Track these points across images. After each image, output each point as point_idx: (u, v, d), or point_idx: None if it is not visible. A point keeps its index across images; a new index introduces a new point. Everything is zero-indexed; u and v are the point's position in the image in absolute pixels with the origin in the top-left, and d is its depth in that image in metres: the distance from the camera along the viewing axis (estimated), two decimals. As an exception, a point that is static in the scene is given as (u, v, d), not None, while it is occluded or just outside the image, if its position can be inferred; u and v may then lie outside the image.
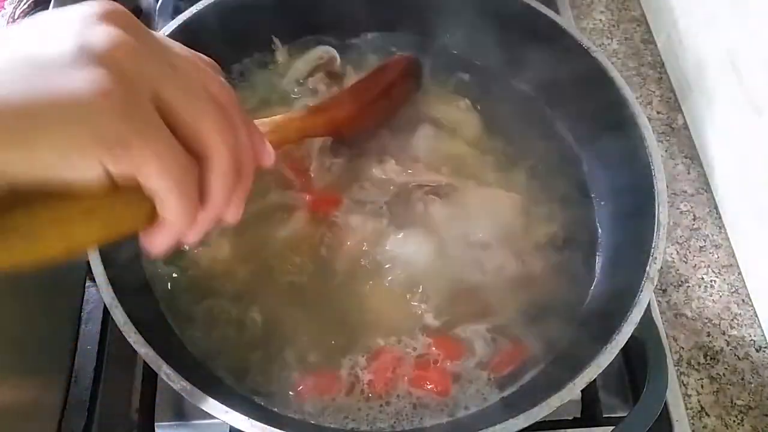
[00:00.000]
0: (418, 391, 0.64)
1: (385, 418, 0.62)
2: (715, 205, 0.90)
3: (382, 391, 0.63)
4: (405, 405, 0.63)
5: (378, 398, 0.63)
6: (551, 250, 0.72)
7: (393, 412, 0.63)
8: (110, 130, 0.30)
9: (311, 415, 0.62)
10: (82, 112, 0.30)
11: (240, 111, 0.39)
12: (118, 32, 0.33)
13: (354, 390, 0.63)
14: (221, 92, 0.38)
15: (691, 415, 0.74)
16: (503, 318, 0.68)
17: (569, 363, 0.63)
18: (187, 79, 0.36)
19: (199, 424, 0.70)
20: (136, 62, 0.32)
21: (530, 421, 0.53)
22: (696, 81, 0.95)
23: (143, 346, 0.54)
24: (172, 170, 0.33)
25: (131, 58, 0.32)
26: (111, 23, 0.33)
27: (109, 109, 0.30)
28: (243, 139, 0.38)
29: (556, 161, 0.79)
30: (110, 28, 0.33)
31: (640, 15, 1.10)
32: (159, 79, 0.33)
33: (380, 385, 0.63)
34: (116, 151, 0.30)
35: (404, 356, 0.65)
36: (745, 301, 0.82)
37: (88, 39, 0.32)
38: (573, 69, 0.75)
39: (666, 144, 0.96)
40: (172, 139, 0.33)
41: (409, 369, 0.64)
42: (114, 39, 0.32)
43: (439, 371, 0.65)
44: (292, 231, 0.71)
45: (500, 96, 0.83)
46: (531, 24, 0.76)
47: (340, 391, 0.63)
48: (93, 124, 0.30)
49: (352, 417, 0.62)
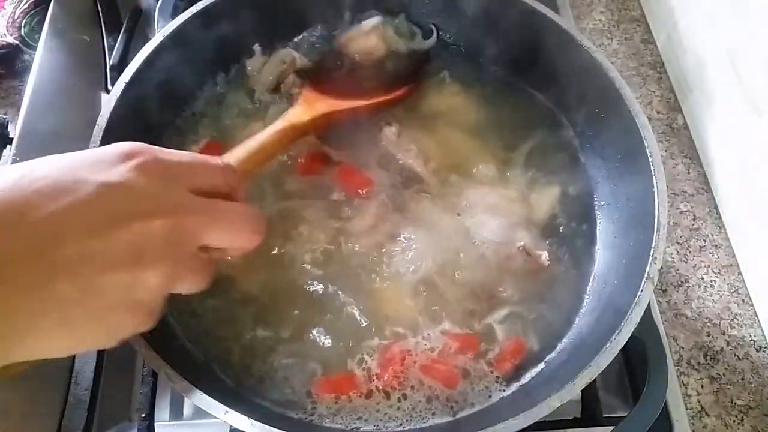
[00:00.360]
0: (429, 379, 0.64)
1: (400, 415, 0.63)
2: (715, 205, 0.90)
3: (394, 382, 0.63)
4: (420, 399, 0.63)
5: (394, 390, 0.63)
6: (551, 249, 0.72)
7: (409, 408, 0.63)
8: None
9: (325, 417, 0.62)
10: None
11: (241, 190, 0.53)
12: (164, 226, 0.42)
13: (369, 388, 0.63)
14: (227, 182, 0.51)
15: (691, 415, 0.74)
16: (502, 315, 0.68)
17: (569, 363, 0.63)
18: (216, 213, 0.48)
19: (199, 424, 0.70)
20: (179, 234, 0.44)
21: (530, 420, 0.53)
22: (696, 81, 0.95)
23: (143, 346, 0.54)
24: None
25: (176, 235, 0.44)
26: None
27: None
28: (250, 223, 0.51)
29: (555, 161, 0.79)
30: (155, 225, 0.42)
31: (640, 15, 1.10)
32: (200, 231, 0.46)
33: (391, 377, 0.63)
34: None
35: (414, 348, 0.65)
36: (745, 301, 0.82)
37: (143, 241, 0.42)
38: (573, 69, 0.75)
39: (666, 144, 0.96)
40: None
41: (421, 358, 0.65)
42: (163, 234, 0.43)
43: (447, 363, 0.65)
44: (301, 228, 0.71)
45: (500, 96, 0.83)
46: (531, 24, 0.76)
47: (356, 393, 0.63)
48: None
49: (365, 417, 0.62)
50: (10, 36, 0.96)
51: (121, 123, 0.66)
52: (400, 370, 0.64)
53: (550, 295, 0.70)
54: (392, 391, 0.63)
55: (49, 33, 0.91)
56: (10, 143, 0.80)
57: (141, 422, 0.64)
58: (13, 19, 0.97)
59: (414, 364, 0.65)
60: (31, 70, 0.87)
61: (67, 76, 0.91)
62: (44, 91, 0.86)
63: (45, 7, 0.96)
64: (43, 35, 0.91)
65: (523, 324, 0.68)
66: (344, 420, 0.62)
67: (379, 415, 0.63)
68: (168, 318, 0.66)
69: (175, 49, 0.72)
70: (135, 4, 0.96)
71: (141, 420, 0.64)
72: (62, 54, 0.92)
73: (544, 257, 0.70)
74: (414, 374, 0.64)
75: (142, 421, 0.64)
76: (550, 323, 0.69)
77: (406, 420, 0.63)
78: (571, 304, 0.70)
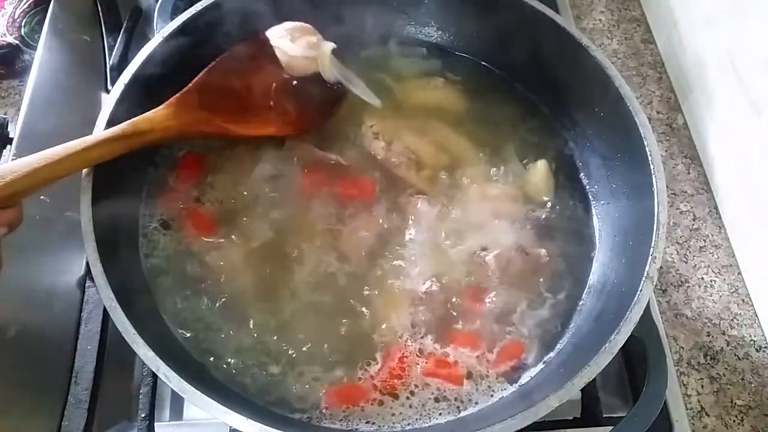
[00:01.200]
0: (434, 380, 0.64)
1: (410, 414, 0.63)
2: (715, 205, 0.90)
3: (398, 384, 0.64)
4: (429, 397, 0.64)
5: (398, 392, 0.64)
6: (550, 249, 0.72)
7: (419, 405, 0.63)
8: None
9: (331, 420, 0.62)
10: None
11: None
12: None
13: (375, 395, 0.63)
14: None
15: (691, 415, 0.74)
16: (501, 314, 0.68)
17: (568, 363, 0.63)
18: None
19: (199, 424, 0.70)
20: None
21: (529, 420, 0.53)
22: (696, 81, 0.95)
23: (143, 346, 0.54)
24: None
25: None
26: None
27: None
28: None
29: (555, 161, 0.79)
30: None
31: (640, 15, 1.10)
32: None
33: (395, 379, 0.64)
34: None
35: (415, 349, 0.66)
36: (745, 301, 0.82)
37: None
38: (573, 69, 0.75)
39: (666, 144, 0.96)
40: None
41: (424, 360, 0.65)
42: None
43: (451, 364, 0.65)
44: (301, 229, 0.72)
45: (499, 96, 0.83)
46: (531, 24, 0.76)
47: (366, 401, 0.63)
48: None
49: (372, 420, 0.62)
50: (10, 36, 0.96)
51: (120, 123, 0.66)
52: (403, 373, 0.64)
53: (550, 295, 0.70)
54: (400, 392, 0.64)
55: (49, 33, 0.91)
56: (10, 143, 0.80)
57: (141, 422, 0.64)
58: (13, 19, 0.97)
59: (416, 366, 0.65)
60: (31, 70, 0.87)
61: (67, 76, 0.91)
62: (44, 91, 0.86)
63: (45, 7, 0.96)
64: (43, 35, 0.91)
65: (523, 324, 0.68)
66: (349, 422, 0.62)
67: (385, 415, 0.63)
68: (166, 319, 0.67)
69: (175, 49, 0.72)
70: (135, 4, 0.96)
71: (141, 420, 0.64)
72: (62, 54, 0.92)
73: (542, 254, 0.70)
74: (417, 375, 0.65)
75: (142, 421, 0.64)
76: (550, 323, 0.69)
77: (419, 417, 0.63)
78: (570, 304, 0.70)
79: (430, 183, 0.75)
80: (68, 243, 0.77)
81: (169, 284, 0.69)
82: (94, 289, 0.70)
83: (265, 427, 0.51)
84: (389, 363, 0.65)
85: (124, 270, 0.64)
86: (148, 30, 0.94)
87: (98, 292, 0.57)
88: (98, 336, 0.71)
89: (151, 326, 0.62)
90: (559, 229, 0.74)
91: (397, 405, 0.63)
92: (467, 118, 0.81)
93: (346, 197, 0.74)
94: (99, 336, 0.71)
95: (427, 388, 0.64)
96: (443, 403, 0.64)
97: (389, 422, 0.62)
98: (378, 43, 0.86)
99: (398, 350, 0.65)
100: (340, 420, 0.62)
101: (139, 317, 0.57)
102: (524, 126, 0.81)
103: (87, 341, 0.71)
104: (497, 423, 0.52)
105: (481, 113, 0.82)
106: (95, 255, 0.58)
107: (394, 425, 0.62)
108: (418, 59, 0.86)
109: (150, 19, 0.93)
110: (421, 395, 0.64)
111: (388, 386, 0.64)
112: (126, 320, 0.55)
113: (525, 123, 0.82)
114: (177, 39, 0.72)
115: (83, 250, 0.59)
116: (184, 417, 0.71)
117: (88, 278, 0.75)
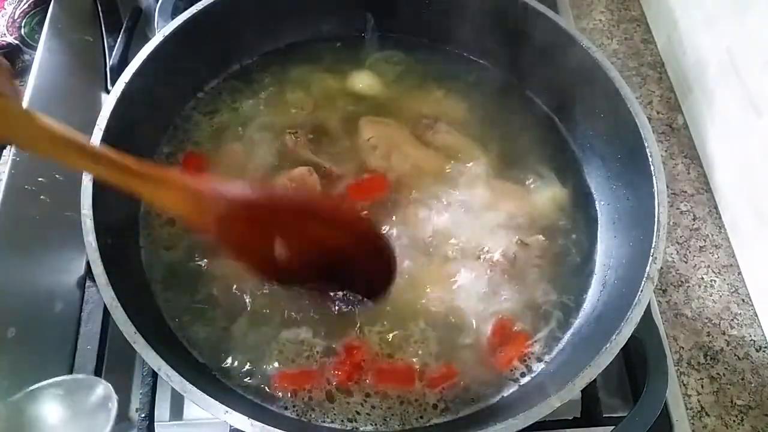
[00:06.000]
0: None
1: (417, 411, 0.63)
2: (715, 205, 0.90)
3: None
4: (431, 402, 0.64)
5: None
6: (550, 249, 0.72)
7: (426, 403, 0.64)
8: None
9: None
10: None
11: None
12: None
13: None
14: None
15: (691, 415, 0.74)
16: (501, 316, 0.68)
17: (569, 363, 0.63)
18: None
19: (199, 424, 0.70)
20: None
21: (530, 420, 0.53)
22: (696, 81, 0.95)
23: (144, 346, 0.54)
24: None
25: None
26: None
27: None
28: None
29: (554, 161, 0.79)
30: None
31: (640, 15, 1.10)
32: None
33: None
34: None
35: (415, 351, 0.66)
36: (745, 301, 0.82)
37: None
38: (573, 69, 0.75)
39: (666, 144, 0.96)
40: None
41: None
42: None
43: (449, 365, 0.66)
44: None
45: (499, 96, 0.83)
46: (531, 24, 0.76)
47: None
48: None
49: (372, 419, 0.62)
50: (10, 36, 0.96)
51: (120, 123, 0.66)
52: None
53: (550, 295, 0.70)
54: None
55: (49, 33, 0.91)
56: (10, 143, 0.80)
57: (141, 422, 0.64)
58: (13, 19, 0.97)
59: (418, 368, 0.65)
60: (31, 70, 0.86)
61: (67, 76, 0.91)
62: (44, 91, 0.86)
63: (45, 7, 0.96)
64: (43, 35, 0.90)
65: (523, 324, 0.68)
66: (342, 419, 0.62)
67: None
68: (167, 318, 0.67)
69: (175, 49, 0.72)
70: (135, 4, 0.95)
71: (141, 420, 0.64)
72: (62, 54, 0.92)
73: (540, 238, 0.71)
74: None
75: (141, 421, 0.64)
76: (550, 323, 0.69)
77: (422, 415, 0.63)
78: (571, 304, 0.70)
79: (427, 190, 0.75)
80: (68, 243, 0.77)
81: (171, 284, 0.69)
82: (94, 289, 0.70)
83: (267, 426, 0.51)
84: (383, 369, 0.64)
85: (125, 269, 0.64)
86: (148, 30, 0.94)
87: (99, 291, 0.57)
88: (98, 336, 0.71)
89: (152, 326, 0.62)
90: (559, 230, 0.74)
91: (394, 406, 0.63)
92: (467, 122, 0.81)
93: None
94: (99, 336, 0.71)
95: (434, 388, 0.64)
96: (443, 403, 0.64)
97: (390, 423, 0.62)
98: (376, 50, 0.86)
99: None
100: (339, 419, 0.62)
101: (140, 317, 0.57)
102: (524, 127, 0.81)
103: (87, 341, 0.71)
104: (498, 423, 0.52)
105: (482, 116, 0.82)
106: (96, 255, 0.58)
107: (394, 425, 0.62)
108: (409, 62, 0.86)
109: (150, 19, 0.93)
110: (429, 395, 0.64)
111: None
112: (127, 320, 0.55)
113: (525, 124, 0.81)
114: (177, 39, 0.72)
115: (83, 250, 0.59)
116: (184, 417, 0.71)
117: (88, 278, 0.75)
